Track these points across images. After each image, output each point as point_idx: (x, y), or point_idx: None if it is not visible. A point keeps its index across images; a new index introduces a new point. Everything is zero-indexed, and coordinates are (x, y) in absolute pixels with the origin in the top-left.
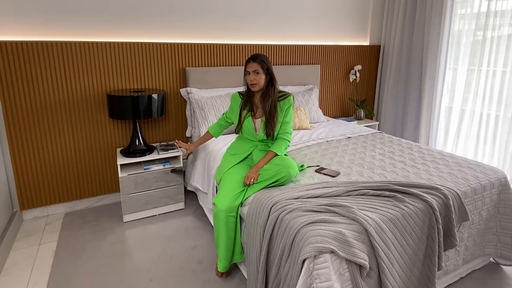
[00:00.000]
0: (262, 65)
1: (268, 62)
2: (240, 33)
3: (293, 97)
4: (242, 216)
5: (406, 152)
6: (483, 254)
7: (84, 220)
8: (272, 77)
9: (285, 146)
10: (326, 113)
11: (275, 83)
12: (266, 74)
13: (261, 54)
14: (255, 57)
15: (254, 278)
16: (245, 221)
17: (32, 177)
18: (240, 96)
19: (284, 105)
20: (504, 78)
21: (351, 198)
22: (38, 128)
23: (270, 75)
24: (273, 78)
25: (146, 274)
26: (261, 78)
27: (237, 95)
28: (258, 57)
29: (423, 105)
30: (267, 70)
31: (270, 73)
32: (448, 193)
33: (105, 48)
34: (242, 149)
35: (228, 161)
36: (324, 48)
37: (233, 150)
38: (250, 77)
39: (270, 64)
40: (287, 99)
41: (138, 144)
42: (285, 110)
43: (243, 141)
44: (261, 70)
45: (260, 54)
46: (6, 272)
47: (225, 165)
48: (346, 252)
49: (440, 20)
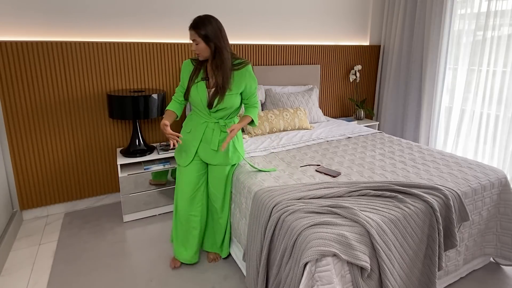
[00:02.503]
0: (199, 33)
1: (209, 29)
2: (240, 33)
3: (250, 66)
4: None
5: (406, 152)
6: (483, 254)
7: (84, 220)
8: (216, 46)
9: (257, 112)
10: (326, 113)
11: (223, 52)
12: (207, 43)
13: (204, 17)
14: (192, 24)
15: (253, 275)
16: (247, 219)
17: (32, 177)
18: (192, 63)
19: (242, 76)
20: (504, 78)
21: (352, 199)
22: (38, 128)
23: (214, 44)
24: (218, 47)
25: (146, 274)
26: (201, 48)
27: (189, 61)
28: (195, 24)
29: (423, 105)
30: (206, 37)
31: (212, 41)
32: (449, 193)
33: (105, 48)
34: (195, 126)
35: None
36: (324, 48)
37: (187, 128)
38: (192, 46)
39: (212, 31)
40: (242, 69)
41: (138, 144)
42: (244, 82)
43: (195, 116)
44: (199, 39)
45: (202, 17)
46: (6, 272)
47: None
48: (348, 254)
49: (440, 20)
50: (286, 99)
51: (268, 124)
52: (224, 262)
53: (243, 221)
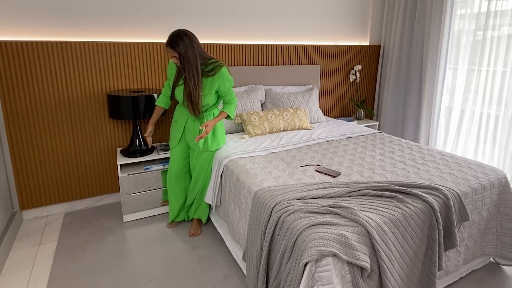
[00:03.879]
0: (175, 49)
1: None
2: (240, 33)
3: (225, 68)
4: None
5: (406, 152)
6: (483, 254)
7: (84, 220)
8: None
9: (234, 108)
10: (326, 113)
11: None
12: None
13: (176, 34)
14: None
15: (253, 275)
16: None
17: (32, 177)
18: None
19: (215, 80)
20: (504, 78)
21: (352, 199)
22: (38, 128)
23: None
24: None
25: (146, 274)
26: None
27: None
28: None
29: (423, 105)
30: (180, 54)
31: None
32: (449, 193)
33: (105, 48)
34: (180, 115)
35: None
36: (324, 48)
37: (175, 117)
38: (174, 60)
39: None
40: (216, 75)
41: (138, 144)
42: (217, 83)
43: (180, 108)
44: (177, 54)
45: (174, 34)
46: (6, 272)
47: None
48: (349, 255)
49: (440, 20)
50: (286, 99)
51: (268, 124)
52: (224, 262)
53: (243, 221)
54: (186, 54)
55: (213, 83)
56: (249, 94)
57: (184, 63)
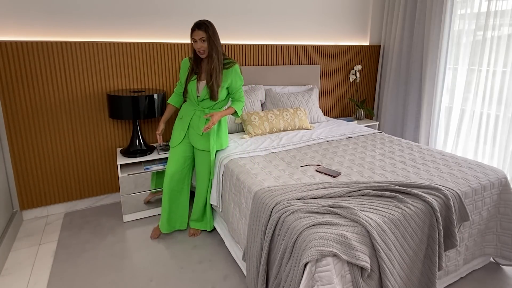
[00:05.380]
0: (207, 33)
1: (211, 30)
2: (240, 33)
3: (237, 65)
4: None
5: (406, 152)
6: (483, 254)
7: (84, 220)
8: (213, 44)
9: (242, 106)
10: (326, 113)
11: (219, 48)
12: (209, 43)
13: (205, 20)
14: (199, 25)
15: (253, 275)
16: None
17: (32, 177)
18: (189, 61)
19: (229, 74)
20: (504, 78)
21: (352, 199)
22: (38, 128)
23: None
24: (213, 44)
25: (146, 274)
26: (206, 46)
27: (187, 60)
28: (202, 24)
29: (423, 105)
30: (209, 38)
31: (212, 39)
32: (449, 193)
33: (105, 48)
34: (186, 112)
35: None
36: (324, 48)
37: (180, 114)
38: (197, 44)
39: (213, 33)
40: (231, 68)
41: (138, 144)
42: (230, 78)
43: (187, 105)
44: (206, 37)
45: (204, 20)
46: (6, 272)
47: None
48: (349, 255)
49: (440, 20)
50: (286, 99)
51: (268, 124)
52: (224, 262)
53: (243, 221)
54: (214, 35)
55: (226, 77)
56: (249, 94)
57: (212, 44)
